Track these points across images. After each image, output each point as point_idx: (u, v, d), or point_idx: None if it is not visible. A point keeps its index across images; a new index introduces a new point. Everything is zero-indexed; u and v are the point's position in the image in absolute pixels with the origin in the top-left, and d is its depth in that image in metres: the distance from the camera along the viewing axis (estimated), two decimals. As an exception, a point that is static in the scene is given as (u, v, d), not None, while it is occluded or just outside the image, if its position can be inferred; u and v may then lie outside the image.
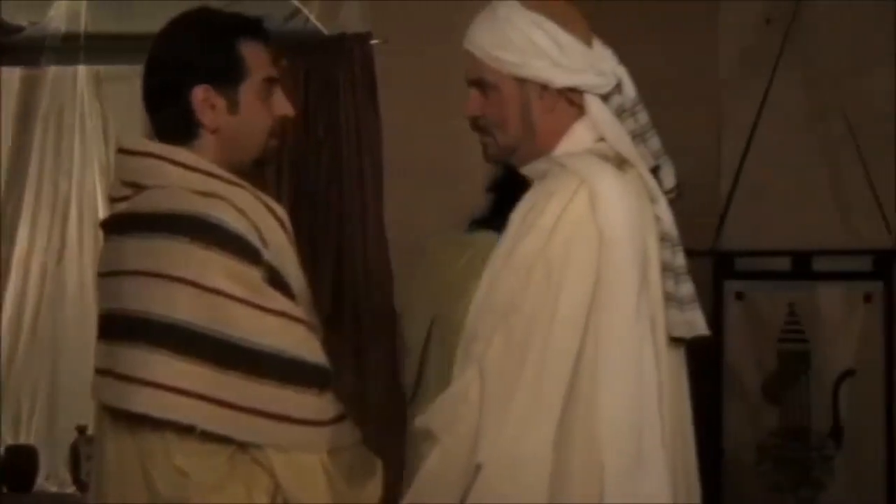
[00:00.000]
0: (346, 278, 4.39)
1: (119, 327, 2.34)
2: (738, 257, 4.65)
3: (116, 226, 2.42)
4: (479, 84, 2.32)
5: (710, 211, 4.67)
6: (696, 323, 2.27)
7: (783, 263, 4.59)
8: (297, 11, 4.59)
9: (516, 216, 2.19)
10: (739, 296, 4.62)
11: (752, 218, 4.69)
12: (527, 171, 2.30)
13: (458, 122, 2.43)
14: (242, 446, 2.30)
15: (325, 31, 4.59)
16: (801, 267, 4.58)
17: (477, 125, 2.35)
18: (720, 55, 4.88)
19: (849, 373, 4.51)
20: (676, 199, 2.33)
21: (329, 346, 2.42)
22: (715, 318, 4.54)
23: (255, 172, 2.50)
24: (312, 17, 4.60)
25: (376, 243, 4.41)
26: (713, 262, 4.62)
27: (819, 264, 4.58)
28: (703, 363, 4.45)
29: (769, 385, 4.58)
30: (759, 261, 4.66)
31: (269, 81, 2.46)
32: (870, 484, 4.40)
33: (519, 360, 2.10)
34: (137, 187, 2.41)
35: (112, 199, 2.47)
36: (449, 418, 2.14)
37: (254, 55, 2.44)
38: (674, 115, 4.41)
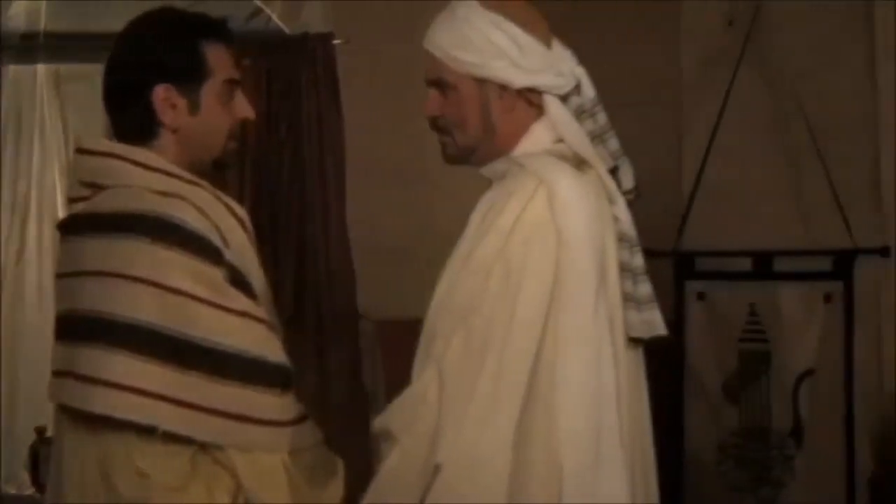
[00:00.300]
0: (309, 278, 4.38)
1: (79, 328, 2.32)
2: (699, 257, 4.67)
3: (75, 226, 2.41)
4: (439, 84, 2.33)
5: (672, 211, 4.69)
6: (654, 323, 2.28)
7: (744, 264, 4.62)
8: (259, 11, 4.58)
9: (475, 217, 2.20)
10: (701, 296, 4.64)
11: (713, 218, 4.71)
12: (486, 171, 2.31)
13: (421, 123, 2.43)
14: (204, 447, 2.29)
15: (288, 31, 4.58)
16: (762, 267, 4.60)
17: (436, 125, 2.35)
18: (682, 56, 4.91)
19: (809, 372, 4.54)
20: (635, 200, 2.34)
21: (291, 346, 2.42)
22: (676, 318, 4.57)
23: (216, 173, 2.49)
24: (275, 17, 4.59)
25: (339, 243, 4.40)
26: (674, 262, 4.63)
27: (780, 265, 4.60)
28: (664, 363, 4.48)
29: (730, 385, 4.60)
30: (720, 261, 4.68)
31: (231, 83, 2.46)
32: (829, 483, 4.42)
33: (478, 360, 2.11)
34: (96, 187, 2.39)
35: (70, 200, 2.45)
36: (408, 419, 2.14)
37: (216, 56, 2.43)
38: (636, 115, 4.43)
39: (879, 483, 4.43)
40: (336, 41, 4.46)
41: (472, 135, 2.31)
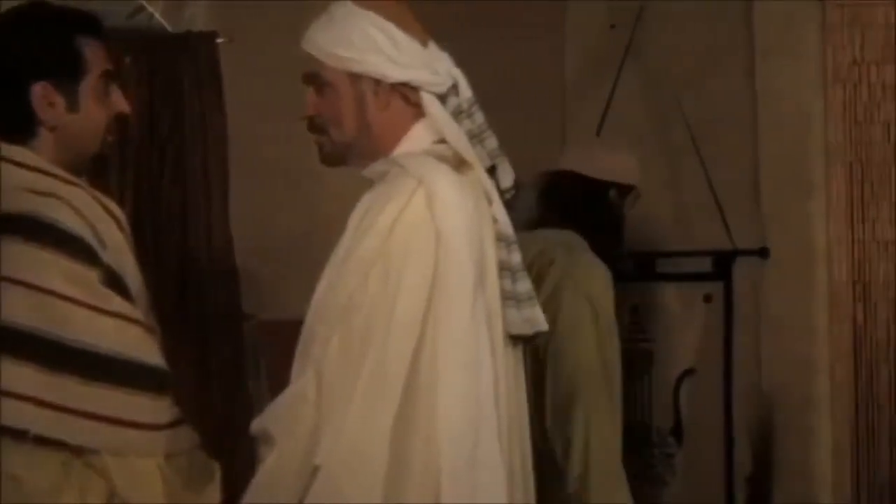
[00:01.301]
0: (191, 279, 4.34)
1: (-50, 329, 2.28)
2: (582, 259, 4.70)
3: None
4: (315, 82, 2.34)
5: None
6: (534, 320, 2.31)
7: (627, 265, 4.66)
8: (141, 8, 4.52)
9: (354, 217, 2.21)
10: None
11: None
12: (367, 172, 2.32)
13: (305, 122, 2.43)
14: (77, 451, 2.26)
15: (170, 29, 4.52)
16: (645, 268, 4.66)
17: (314, 125, 2.36)
18: (566, 57, 4.95)
19: (689, 371, 4.60)
20: (513, 199, 2.36)
21: (173, 346, 2.39)
22: (560, 318, 4.60)
23: (96, 170, 2.47)
24: (157, 15, 4.53)
25: (222, 243, 4.36)
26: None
27: (661, 266, 4.66)
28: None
29: (612, 384, 4.64)
30: (603, 262, 4.71)
31: (106, 77, 2.43)
32: (709, 481, 4.48)
33: (357, 359, 2.12)
34: (-28, 187, 2.35)
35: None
36: (286, 420, 2.14)
37: (92, 51, 2.41)
38: (520, 116, 4.47)
39: (757, 481, 4.51)
40: (219, 40, 4.42)
41: (347, 133, 2.32)
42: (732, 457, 4.47)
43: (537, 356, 3.19)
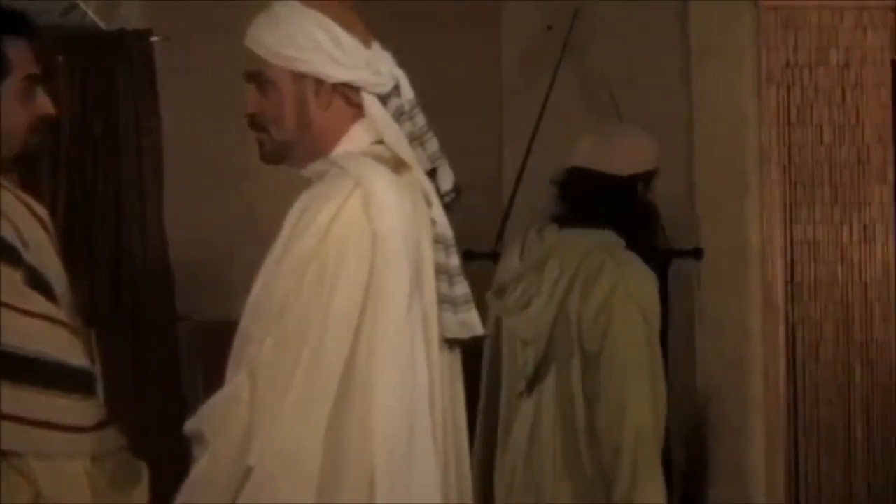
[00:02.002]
0: (125, 280, 4.30)
1: None
2: (519, 258, 4.71)
3: None
4: (257, 80, 2.32)
5: (493, 213, 4.73)
6: (470, 323, 2.31)
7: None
8: (74, 6, 4.48)
9: (291, 217, 2.20)
10: (521, 296, 4.68)
11: (533, 220, 4.75)
12: (306, 172, 2.31)
13: (242, 122, 2.42)
14: (2, 454, 2.23)
15: (104, 27, 4.48)
16: (581, 267, 4.66)
17: (255, 122, 2.35)
18: (503, 59, 4.95)
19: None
20: (453, 202, 2.36)
21: (107, 349, 2.37)
22: (497, 318, 4.60)
23: (28, 171, 2.43)
24: (91, 13, 4.49)
25: (156, 244, 4.33)
26: (495, 263, 4.67)
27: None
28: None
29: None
30: (539, 262, 4.72)
31: (31, 80, 2.40)
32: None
33: (292, 359, 2.11)
34: None
35: None
36: (220, 420, 2.14)
37: (17, 52, 2.37)
38: (457, 117, 4.46)
39: (692, 480, 4.54)
40: (154, 38, 4.38)
41: (288, 131, 2.31)
42: (668, 456, 4.49)
43: (595, 361, 3.18)
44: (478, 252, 4.53)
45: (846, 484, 4.45)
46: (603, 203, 3.34)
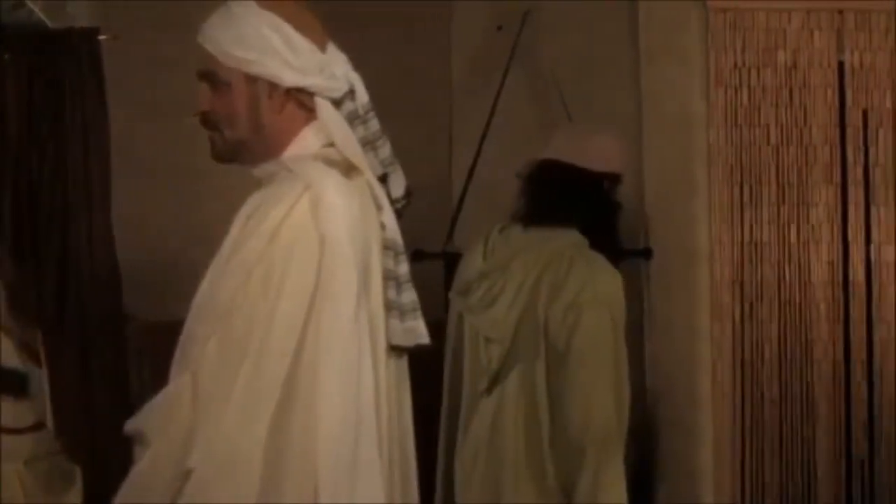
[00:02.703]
0: (72, 280, 4.27)
1: None
2: (469, 259, 4.71)
3: None
4: (210, 78, 2.31)
5: (443, 213, 4.73)
6: (416, 331, 2.30)
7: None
8: (21, 4, 4.44)
9: (239, 218, 2.19)
10: (471, 297, 4.68)
11: (483, 220, 4.75)
12: (257, 172, 2.31)
13: (191, 121, 2.40)
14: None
15: (51, 25, 4.45)
16: (530, 268, 4.67)
17: (207, 121, 2.33)
18: (453, 59, 4.96)
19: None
20: (404, 209, 2.35)
21: (54, 350, 2.35)
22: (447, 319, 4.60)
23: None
24: (38, 10, 4.46)
25: (103, 244, 4.30)
26: (445, 263, 4.67)
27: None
28: (434, 365, 4.51)
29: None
30: (489, 262, 4.73)
31: None
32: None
33: (235, 362, 2.10)
34: None
35: None
36: (161, 421, 2.13)
37: None
38: (407, 116, 4.46)
39: (641, 479, 4.55)
40: (102, 37, 4.35)
41: (240, 131, 2.30)
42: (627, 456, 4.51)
43: (561, 360, 3.21)
44: (428, 252, 4.54)
45: (790, 482, 4.48)
46: (570, 198, 3.36)
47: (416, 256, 4.41)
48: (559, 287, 3.23)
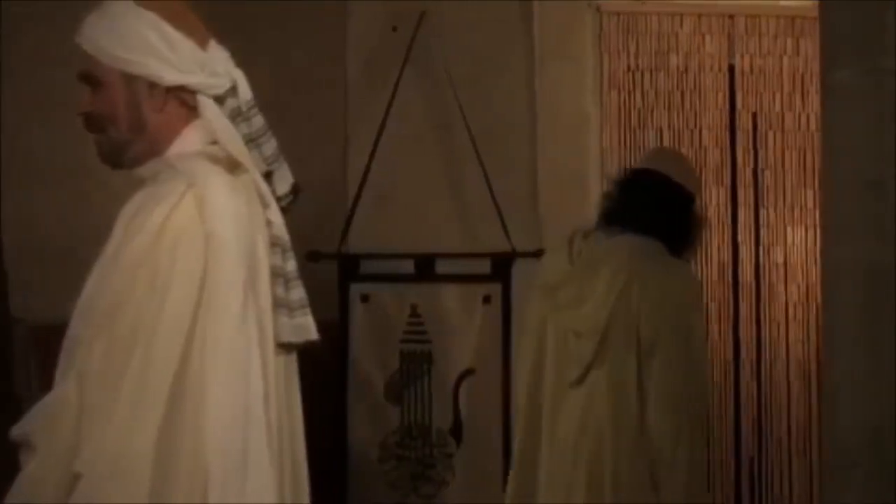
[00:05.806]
0: (-43, 281, 4.19)
1: None
2: (363, 260, 4.72)
3: None
4: (89, 79, 2.28)
5: (337, 214, 4.72)
6: (305, 328, 2.29)
7: (407, 266, 4.69)
8: None
9: (123, 218, 2.17)
10: (365, 298, 4.68)
11: (377, 222, 4.76)
12: (140, 172, 2.28)
13: (80, 120, 2.36)
14: None
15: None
16: (424, 269, 4.69)
17: (90, 123, 2.30)
18: (348, 59, 4.94)
19: (469, 372, 4.65)
20: (290, 205, 2.34)
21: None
22: (341, 320, 4.59)
23: None
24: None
25: (-10, 245, 4.22)
26: (339, 264, 4.66)
27: (441, 267, 4.70)
28: (329, 365, 4.50)
29: (391, 385, 4.67)
30: (383, 264, 4.74)
31: None
32: (488, 480, 4.54)
33: (121, 364, 2.08)
34: None
35: None
36: (47, 425, 2.10)
37: None
38: (302, 117, 4.44)
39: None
40: (-11, 33, 4.27)
41: (122, 132, 2.28)
42: (509, 455, 4.53)
43: (652, 355, 3.31)
44: (324, 252, 4.52)
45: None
46: (664, 207, 3.46)
47: (312, 257, 4.40)
48: (650, 285, 3.34)
